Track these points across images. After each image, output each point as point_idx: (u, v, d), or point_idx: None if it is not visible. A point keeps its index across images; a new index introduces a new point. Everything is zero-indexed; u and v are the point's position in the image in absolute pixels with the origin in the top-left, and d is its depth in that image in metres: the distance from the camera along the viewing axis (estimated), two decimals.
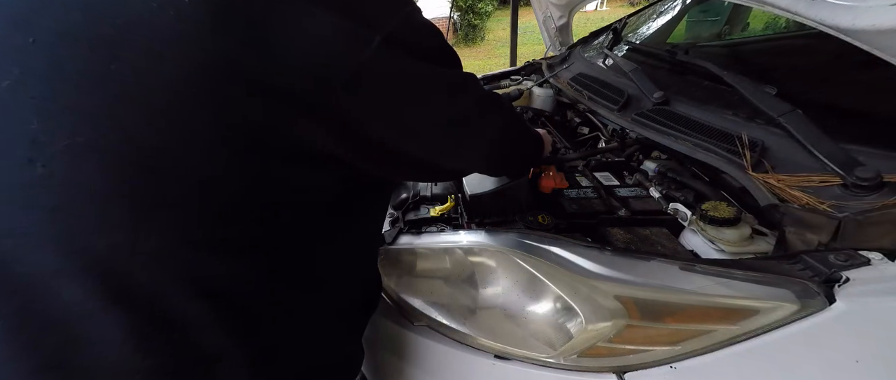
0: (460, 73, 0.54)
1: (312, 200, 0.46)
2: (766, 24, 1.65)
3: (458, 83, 0.52)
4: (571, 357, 0.59)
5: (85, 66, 0.35)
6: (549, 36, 1.87)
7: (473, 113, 0.55)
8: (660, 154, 0.99)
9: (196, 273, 0.40)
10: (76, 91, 0.35)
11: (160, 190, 0.37)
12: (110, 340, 0.38)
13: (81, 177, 0.35)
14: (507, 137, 0.59)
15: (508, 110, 0.63)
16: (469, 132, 0.56)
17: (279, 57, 0.37)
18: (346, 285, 0.57)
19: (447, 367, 0.67)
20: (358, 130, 0.43)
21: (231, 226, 0.41)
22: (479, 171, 0.59)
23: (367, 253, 0.63)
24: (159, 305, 0.39)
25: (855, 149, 0.70)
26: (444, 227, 0.85)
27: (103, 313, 0.38)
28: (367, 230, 0.60)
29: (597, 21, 4.72)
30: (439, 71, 0.49)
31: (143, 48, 0.35)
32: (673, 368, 0.56)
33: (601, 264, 0.61)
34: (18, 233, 0.36)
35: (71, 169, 0.35)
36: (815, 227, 0.62)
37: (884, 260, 0.57)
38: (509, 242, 0.67)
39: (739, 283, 0.57)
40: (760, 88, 0.86)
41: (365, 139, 0.44)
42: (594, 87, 1.19)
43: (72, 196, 0.36)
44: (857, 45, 0.67)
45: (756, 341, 0.54)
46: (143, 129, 0.35)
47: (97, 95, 0.35)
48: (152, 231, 0.37)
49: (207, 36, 0.35)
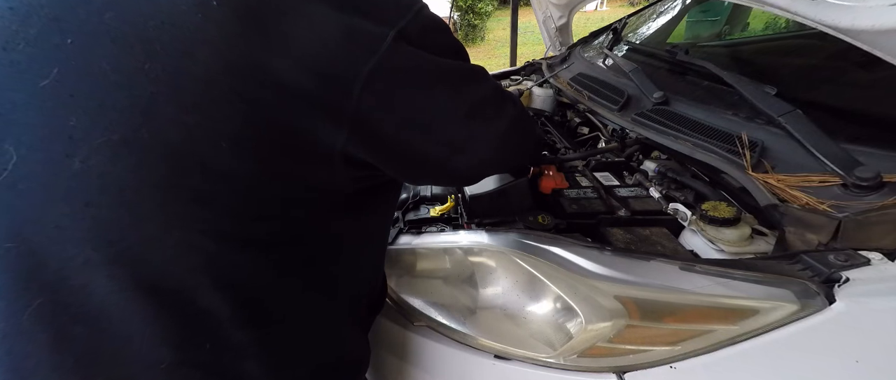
0: (471, 65, 0.54)
1: (326, 200, 0.47)
2: (766, 24, 1.65)
3: (470, 76, 0.53)
4: (571, 357, 0.59)
5: (120, 65, 0.36)
6: (549, 36, 1.87)
7: (487, 105, 0.55)
8: (660, 154, 0.99)
9: (219, 267, 0.42)
10: (112, 89, 0.36)
11: (188, 185, 0.38)
12: (137, 330, 0.40)
13: (115, 172, 0.37)
14: (516, 129, 0.60)
15: (518, 102, 0.64)
16: (481, 124, 0.56)
17: (298, 58, 0.38)
18: (356, 283, 0.58)
19: (447, 367, 0.67)
20: (373, 127, 0.44)
21: (252, 222, 0.42)
22: (487, 166, 0.59)
23: (376, 253, 0.64)
24: (184, 296, 0.41)
25: (855, 149, 0.70)
26: (444, 227, 0.85)
27: (131, 304, 0.39)
28: (377, 230, 0.61)
29: (597, 21, 4.72)
30: (452, 64, 0.50)
31: (175, 49, 0.36)
32: (673, 368, 0.56)
33: (601, 264, 0.61)
34: (53, 226, 0.38)
35: (105, 164, 0.37)
36: (815, 227, 0.62)
37: (884, 260, 0.57)
38: (509, 243, 0.67)
39: (739, 283, 0.57)
40: (760, 88, 0.86)
41: (379, 136, 0.45)
42: (594, 87, 1.19)
43: (104, 190, 0.37)
44: (857, 45, 0.67)
45: (756, 341, 0.54)
46: (173, 126, 0.37)
47: (132, 94, 0.36)
48: (179, 225, 0.39)
49: (233, 37, 0.37)
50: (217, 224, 0.40)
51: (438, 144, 0.51)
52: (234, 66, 0.37)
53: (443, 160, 0.52)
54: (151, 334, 0.40)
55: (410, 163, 0.51)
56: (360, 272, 0.59)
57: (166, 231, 0.39)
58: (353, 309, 0.60)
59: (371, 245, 0.61)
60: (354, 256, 0.56)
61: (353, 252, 0.55)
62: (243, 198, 0.41)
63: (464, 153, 0.55)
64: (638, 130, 0.97)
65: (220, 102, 0.37)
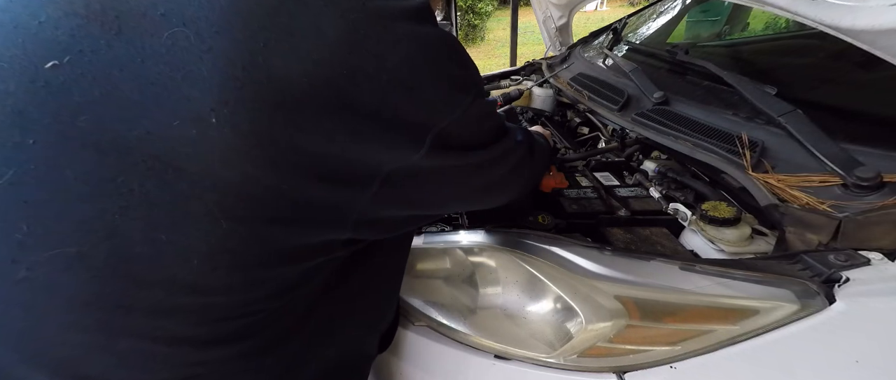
0: (500, 145, 0.51)
1: (307, 284, 0.44)
2: (766, 24, 1.65)
3: (495, 159, 0.50)
4: (571, 357, 0.59)
5: (87, 176, 0.33)
6: (549, 36, 1.87)
7: (507, 177, 0.54)
8: (660, 154, 0.99)
9: (173, 366, 0.39)
10: (74, 200, 0.33)
11: (147, 300, 0.36)
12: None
13: (63, 283, 0.34)
14: (529, 183, 0.60)
15: (538, 158, 0.62)
16: (499, 191, 0.56)
17: (309, 171, 0.36)
18: (375, 297, 0.57)
19: (447, 367, 0.67)
20: (380, 216, 0.43)
21: (217, 323, 0.39)
22: (497, 204, 0.59)
23: (395, 272, 0.62)
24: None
25: (855, 149, 0.69)
26: (444, 227, 0.85)
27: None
28: (367, 294, 0.58)
29: (597, 21, 4.72)
30: (480, 155, 0.47)
31: (157, 162, 0.33)
32: (673, 368, 0.56)
33: (601, 264, 0.61)
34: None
35: (54, 275, 0.34)
36: (815, 227, 0.62)
37: (884, 260, 0.57)
38: (509, 242, 0.67)
39: (739, 283, 0.57)
40: (760, 88, 0.86)
41: (385, 221, 0.44)
42: (594, 87, 1.19)
43: (50, 299, 0.35)
44: (857, 45, 0.66)
45: (756, 341, 0.54)
46: (139, 244, 0.34)
47: (96, 207, 0.33)
48: (129, 335, 0.36)
49: (232, 155, 0.33)
50: (175, 331, 0.37)
51: (449, 209, 0.50)
52: (224, 183, 0.34)
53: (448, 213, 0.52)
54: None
55: (412, 224, 0.51)
56: (379, 288, 0.57)
57: (112, 340, 0.36)
58: (372, 323, 0.58)
59: (391, 268, 0.59)
60: (376, 274, 0.54)
61: (339, 315, 0.52)
62: (210, 307, 0.38)
63: (475, 206, 0.56)
64: (638, 130, 0.97)
65: (200, 220, 0.34)
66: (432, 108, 0.40)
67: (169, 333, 0.37)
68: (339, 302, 0.50)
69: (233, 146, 0.33)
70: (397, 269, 0.61)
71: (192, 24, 0.33)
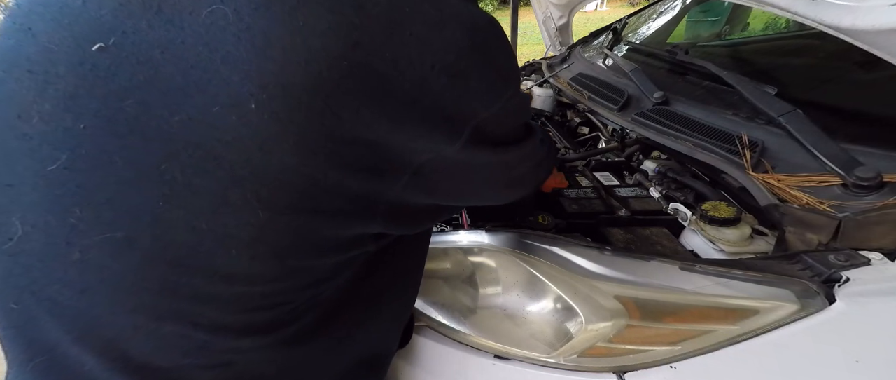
0: (528, 142, 0.50)
1: (340, 275, 0.45)
2: (766, 24, 1.65)
3: (522, 157, 0.50)
4: (571, 357, 0.59)
5: (133, 161, 0.33)
6: (549, 36, 1.87)
7: (527, 174, 0.54)
8: (660, 154, 0.99)
9: (211, 352, 0.40)
10: (122, 186, 0.33)
11: (188, 286, 0.36)
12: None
13: (114, 267, 0.35)
14: (543, 180, 0.60)
15: (552, 156, 0.63)
16: (519, 186, 0.56)
17: (340, 164, 0.35)
18: (400, 292, 0.57)
19: (447, 367, 0.67)
20: (407, 204, 0.42)
21: (254, 312, 0.40)
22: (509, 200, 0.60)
23: (417, 267, 0.62)
24: (174, 375, 0.40)
25: (855, 149, 0.69)
26: (444, 227, 0.85)
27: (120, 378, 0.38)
28: (419, 250, 0.60)
29: (597, 21, 4.71)
30: (510, 152, 0.47)
31: (198, 150, 0.32)
32: (673, 368, 0.56)
33: (601, 265, 0.61)
34: (49, 301, 0.37)
35: (105, 259, 0.35)
36: (815, 227, 0.62)
37: (884, 260, 0.57)
38: (509, 242, 0.67)
39: (739, 283, 0.57)
40: (760, 88, 0.86)
41: (411, 211, 0.44)
42: (594, 87, 1.19)
43: (102, 282, 0.36)
44: (857, 45, 0.66)
45: (756, 341, 0.54)
46: (181, 232, 0.34)
47: (142, 193, 0.33)
48: (172, 319, 0.37)
49: (268, 142, 0.32)
50: (214, 318, 0.38)
51: (469, 204, 0.50)
52: (263, 172, 0.33)
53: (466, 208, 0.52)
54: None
55: (435, 218, 0.51)
56: (403, 285, 0.56)
57: (158, 324, 0.37)
58: (396, 317, 0.58)
59: (412, 264, 0.58)
60: (399, 273, 0.54)
61: (366, 308, 0.52)
62: (247, 296, 0.39)
63: (492, 201, 0.56)
64: (638, 130, 0.96)
65: (239, 210, 0.34)
66: (475, 98, 0.38)
67: (209, 319, 0.38)
68: (367, 296, 0.49)
69: (272, 134, 0.32)
70: (418, 264, 0.60)
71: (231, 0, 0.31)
